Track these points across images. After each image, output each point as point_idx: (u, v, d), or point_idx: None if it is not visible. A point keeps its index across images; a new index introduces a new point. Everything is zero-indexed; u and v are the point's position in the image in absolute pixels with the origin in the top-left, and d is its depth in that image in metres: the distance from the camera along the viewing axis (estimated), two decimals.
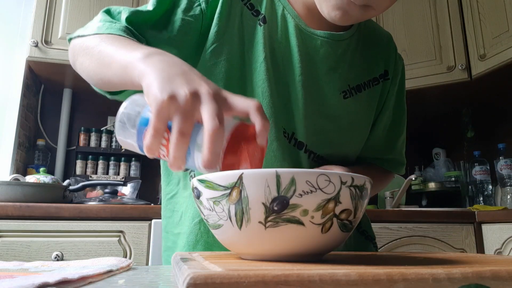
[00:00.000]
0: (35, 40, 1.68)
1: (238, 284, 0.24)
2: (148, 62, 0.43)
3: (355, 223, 0.38)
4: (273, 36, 0.68)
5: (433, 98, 2.06)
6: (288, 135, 0.67)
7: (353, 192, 0.36)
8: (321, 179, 0.34)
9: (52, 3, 1.75)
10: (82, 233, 1.29)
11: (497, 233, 1.50)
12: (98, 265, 0.42)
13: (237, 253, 0.43)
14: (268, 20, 0.68)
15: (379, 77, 0.76)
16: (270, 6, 0.69)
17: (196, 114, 0.38)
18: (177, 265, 0.34)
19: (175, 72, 0.41)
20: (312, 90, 0.68)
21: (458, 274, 0.27)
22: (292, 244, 0.36)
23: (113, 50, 0.52)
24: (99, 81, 0.57)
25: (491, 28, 1.74)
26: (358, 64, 0.73)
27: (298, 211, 0.34)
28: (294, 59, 0.68)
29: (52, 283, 0.30)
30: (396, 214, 1.56)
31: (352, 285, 0.26)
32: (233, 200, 0.35)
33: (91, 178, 1.91)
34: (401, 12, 2.02)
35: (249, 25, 0.68)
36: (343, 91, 0.71)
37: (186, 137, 0.37)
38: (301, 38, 0.69)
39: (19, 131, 1.78)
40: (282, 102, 0.67)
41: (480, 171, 1.95)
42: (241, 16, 0.68)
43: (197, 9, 0.65)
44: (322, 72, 0.70)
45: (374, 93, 0.75)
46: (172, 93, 0.38)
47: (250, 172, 0.35)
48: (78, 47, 0.60)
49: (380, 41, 0.78)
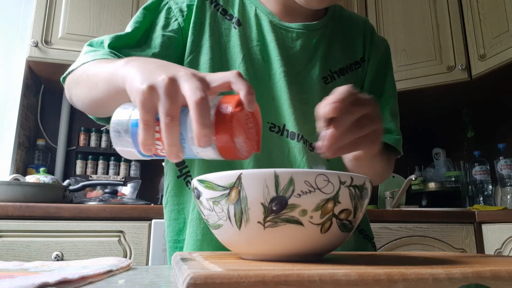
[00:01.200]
0: (35, 40, 1.68)
1: (238, 284, 0.24)
2: (128, 66, 0.45)
3: (355, 223, 0.38)
4: (249, 36, 0.70)
5: (433, 98, 2.06)
6: (280, 128, 0.69)
7: (353, 192, 0.36)
8: (319, 179, 0.34)
9: (52, 3, 1.75)
10: (82, 233, 1.29)
11: (497, 233, 1.50)
12: (98, 265, 0.42)
13: (237, 253, 0.43)
14: (242, 22, 0.71)
15: (360, 60, 0.78)
16: (242, 9, 0.72)
17: (179, 96, 0.38)
18: (177, 265, 0.34)
19: (153, 66, 0.42)
20: (295, 80, 0.70)
21: (458, 274, 0.27)
22: (291, 244, 0.36)
23: (98, 71, 0.55)
24: (92, 105, 0.59)
25: (491, 28, 1.74)
26: (337, 49, 0.76)
27: (297, 211, 0.34)
28: (273, 55, 0.70)
29: (52, 283, 0.30)
30: (396, 214, 1.56)
31: (352, 285, 0.26)
32: (232, 200, 0.35)
33: (91, 178, 1.91)
34: (401, 12, 2.02)
35: (224, 30, 0.70)
36: (324, 77, 0.73)
37: (174, 120, 0.37)
38: (276, 33, 0.71)
39: (19, 131, 1.78)
40: (267, 98, 0.69)
41: (480, 171, 1.95)
42: (214, 22, 0.70)
43: (175, 24, 0.68)
44: (303, 62, 0.72)
45: (356, 76, 0.77)
46: (151, 82, 0.38)
47: (249, 173, 0.35)
48: (69, 82, 0.63)
49: (356, 26, 0.81)
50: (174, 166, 0.71)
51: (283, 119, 0.69)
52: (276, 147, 0.68)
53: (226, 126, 0.38)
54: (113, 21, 1.81)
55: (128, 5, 1.84)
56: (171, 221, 0.71)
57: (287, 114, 0.69)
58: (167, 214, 0.72)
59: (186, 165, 0.70)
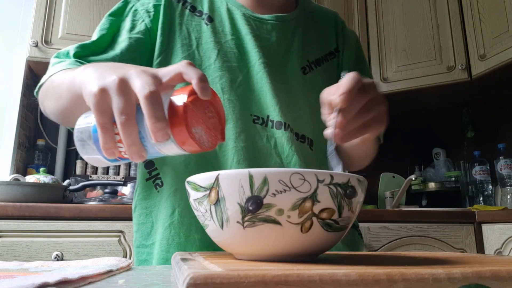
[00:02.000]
0: (35, 40, 1.68)
1: (238, 284, 0.24)
2: (84, 72, 0.45)
3: (344, 222, 0.37)
4: (222, 31, 0.70)
5: (433, 98, 2.06)
6: (264, 120, 0.68)
7: (334, 190, 0.35)
8: (294, 178, 0.33)
9: (52, 3, 1.75)
10: (82, 233, 1.29)
11: (497, 233, 1.50)
12: (98, 265, 0.42)
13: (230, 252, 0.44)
14: (214, 18, 0.70)
15: (334, 51, 0.80)
16: (212, 5, 0.72)
17: (131, 95, 0.38)
18: (177, 265, 0.34)
19: (105, 69, 0.42)
20: (275, 70, 0.70)
21: (458, 274, 0.27)
22: (271, 244, 0.36)
23: (62, 81, 0.55)
24: (61, 115, 0.59)
25: (491, 28, 1.74)
26: (312, 41, 0.77)
27: (273, 211, 0.34)
28: (250, 47, 0.70)
29: (52, 283, 0.30)
30: (396, 214, 1.56)
31: (352, 285, 0.26)
32: (212, 200, 0.36)
33: (91, 178, 1.91)
34: (401, 12, 2.02)
35: (194, 27, 0.69)
36: (302, 67, 0.73)
37: (129, 118, 0.37)
38: (250, 25, 0.71)
39: (19, 131, 1.78)
40: (247, 91, 0.68)
41: (480, 171, 1.95)
42: (184, 21, 0.69)
43: (142, 25, 0.68)
44: (280, 53, 0.72)
45: (333, 67, 0.79)
46: (102, 84, 0.38)
47: (225, 173, 0.35)
48: (41, 96, 0.64)
49: (327, 19, 0.83)
50: (143, 168, 0.69)
51: (266, 110, 0.68)
52: (262, 139, 0.67)
53: (180, 117, 0.37)
54: None
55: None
56: (140, 225, 0.69)
57: (270, 105, 0.68)
58: (136, 218, 0.70)
59: (155, 167, 0.69)
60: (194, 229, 0.65)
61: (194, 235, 0.64)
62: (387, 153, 2.35)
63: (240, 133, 0.66)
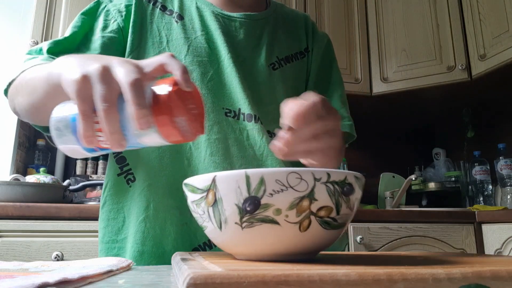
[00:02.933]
0: (35, 40, 1.68)
1: (238, 284, 0.24)
2: (64, 63, 0.45)
3: (342, 219, 0.37)
4: (192, 28, 0.72)
5: (433, 98, 2.06)
6: (236, 113, 0.69)
7: (331, 188, 0.34)
8: (291, 177, 0.33)
9: (52, 3, 1.75)
10: (82, 233, 1.29)
11: (497, 233, 1.50)
12: (98, 265, 0.42)
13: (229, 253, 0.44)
14: (184, 16, 0.72)
15: (304, 51, 0.81)
16: (181, 3, 0.74)
17: (113, 83, 0.38)
18: (177, 265, 0.34)
19: (86, 58, 0.42)
20: (243, 65, 0.72)
21: (458, 274, 0.27)
22: (270, 244, 0.36)
23: (36, 75, 0.55)
24: (33, 110, 0.58)
25: (491, 28, 1.74)
26: (281, 40, 0.79)
27: (271, 211, 0.34)
28: (218, 42, 0.71)
29: (52, 283, 0.30)
30: (396, 214, 1.56)
31: (352, 285, 0.26)
32: (210, 202, 0.36)
33: (91, 178, 1.90)
34: (401, 12, 2.02)
35: (165, 25, 0.71)
36: (271, 63, 0.75)
37: (111, 106, 0.37)
38: (219, 22, 0.73)
39: (19, 131, 1.78)
40: (218, 85, 0.70)
41: (480, 171, 1.95)
42: (155, 19, 0.71)
43: (114, 25, 0.69)
44: (248, 49, 0.74)
45: (302, 65, 0.80)
46: (84, 71, 0.38)
47: (222, 174, 0.35)
48: (11, 93, 0.63)
49: (298, 21, 0.85)
50: (115, 164, 0.69)
51: (237, 103, 0.70)
52: (235, 131, 0.69)
53: (163, 106, 0.37)
54: None
55: None
56: (109, 220, 0.68)
57: (240, 98, 0.69)
58: (104, 214, 0.69)
59: (127, 162, 0.69)
60: (169, 222, 0.65)
61: (169, 227, 0.65)
62: (387, 153, 2.36)
63: (212, 126, 0.68)
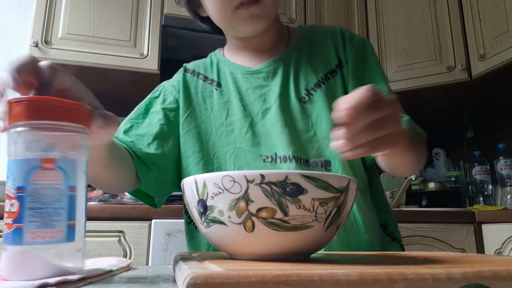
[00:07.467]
0: (35, 40, 1.68)
1: (238, 284, 0.24)
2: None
3: (299, 221, 0.34)
4: (229, 92, 0.79)
5: (433, 98, 2.06)
6: (273, 158, 0.73)
7: (268, 189, 0.34)
8: (225, 180, 0.35)
9: (52, 3, 1.75)
10: None
11: (497, 233, 1.50)
12: (98, 265, 0.42)
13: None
14: (221, 82, 0.82)
15: (336, 67, 0.79)
16: (218, 71, 0.83)
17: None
18: (177, 265, 0.34)
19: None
20: (277, 110, 0.75)
21: (458, 274, 0.27)
22: (229, 243, 0.38)
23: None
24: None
25: (491, 28, 1.74)
26: (308, 66, 0.80)
27: (215, 212, 0.36)
28: (251, 99, 0.77)
29: (52, 283, 0.30)
30: (396, 214, 1.55)
31: (352, 285, 0.26)
32: (185, 204, 0.40)
33: None
34: (401, 12, 2.02)
35: (208, 93, 0.81)
36: (300, 98, 0.77)
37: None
38: (249, 79, 0.79)
39: None
40: (254, 136, 0.75)
41: (480, 171, 1.95)
42: (199, 89, 0.81)
43: (171, 97, 0.81)
44: (278, 93, 0.77)
45: (337, 83, 0.78)
46: None
47: (185, 180, 0.39)
48: None
49: (325, 37, 0.82)
50: (184, 215, 0.78)
51: (273, 148, 0.73)
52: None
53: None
54: (113, 21, 1.80)
55: (128, 5, 1.84)
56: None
57: (277, 142, 0.73)
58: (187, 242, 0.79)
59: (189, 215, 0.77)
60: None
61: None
62: None
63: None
